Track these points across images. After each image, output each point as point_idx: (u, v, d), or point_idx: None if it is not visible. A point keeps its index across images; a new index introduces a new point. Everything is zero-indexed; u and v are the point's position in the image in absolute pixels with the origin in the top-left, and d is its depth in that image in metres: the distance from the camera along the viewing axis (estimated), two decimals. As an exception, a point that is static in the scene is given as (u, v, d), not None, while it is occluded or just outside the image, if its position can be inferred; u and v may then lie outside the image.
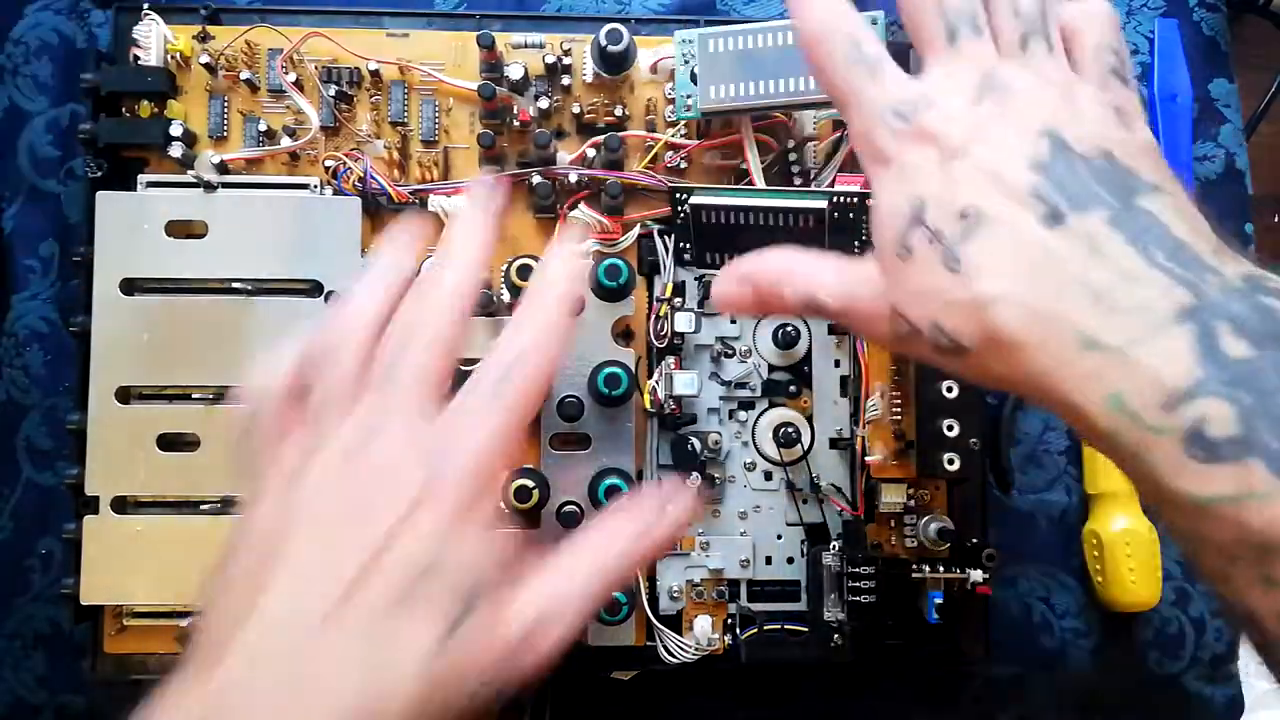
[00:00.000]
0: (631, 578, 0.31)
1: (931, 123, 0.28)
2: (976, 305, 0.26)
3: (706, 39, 0.47)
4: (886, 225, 0.29)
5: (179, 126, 0.48)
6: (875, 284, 0.29)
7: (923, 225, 0.27)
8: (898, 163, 0.28)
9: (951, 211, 0.27)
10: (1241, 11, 0.60)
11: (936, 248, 0.27)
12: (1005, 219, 0.26)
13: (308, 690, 0.25)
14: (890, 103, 0.29)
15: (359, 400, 0.29)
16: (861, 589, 0.47)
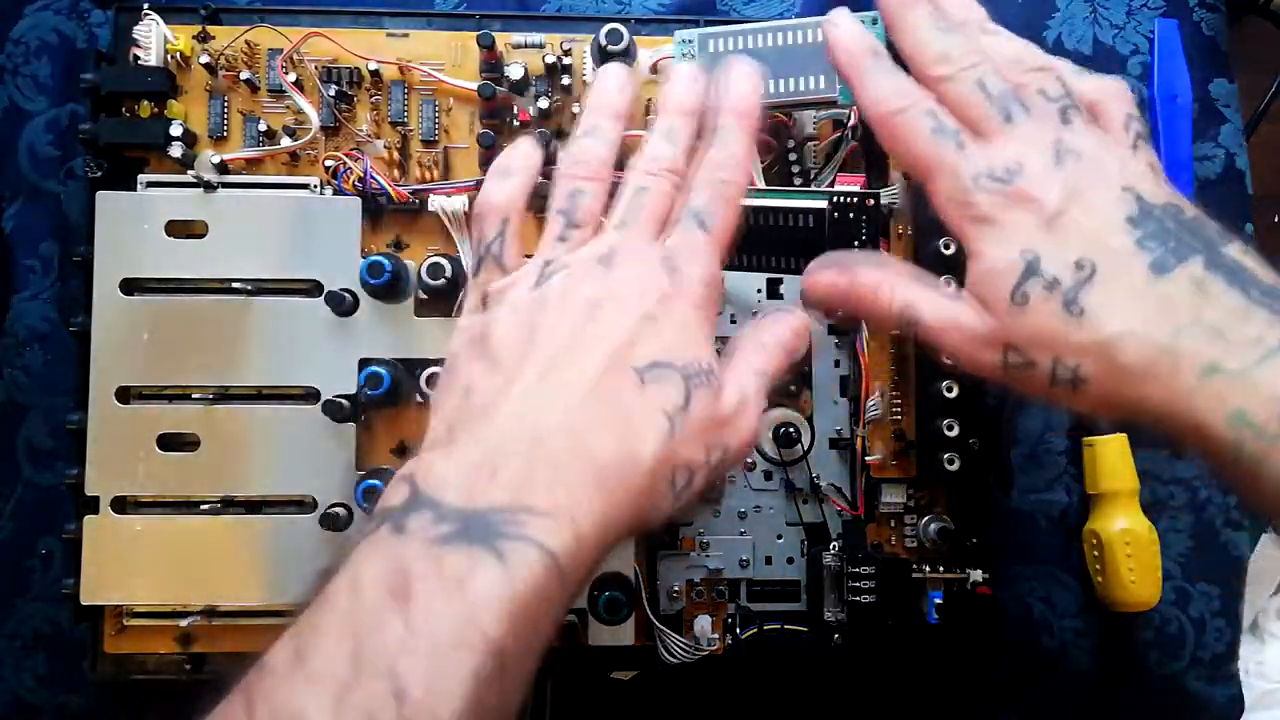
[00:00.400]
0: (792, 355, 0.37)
1: (1028, 186, 0.32)
2: (1102, 344, 0.30)
3: (706, 39, 0.47)
4: (999, 277, 0.32)
5: (179, 126, 0.48)
6: (977, 323, 0.33)
7: (1038, 276, 0.31)
8: (1000, 222, 0.32)
9: (1066, 263, 0.31)
10: (1241, 11, 0.60)
11: (1056, 295, 0.31)
12: (1118, 268, 0.30)
13: (571, 447, 0.29)
14: (984, 169, 0.33)
15: (603, 229, 0.35)
16: (861, 589, 0.47)
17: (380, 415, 0.48)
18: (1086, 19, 0.57)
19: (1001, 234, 0.32)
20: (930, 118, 0.34)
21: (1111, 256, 0.30)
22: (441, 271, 0.46)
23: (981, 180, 0.32)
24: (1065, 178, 0.32)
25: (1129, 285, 0.30)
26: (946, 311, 0.34)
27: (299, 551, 0.46)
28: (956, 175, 0.33)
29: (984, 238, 0.32)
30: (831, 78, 0.46)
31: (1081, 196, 0.31)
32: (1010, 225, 0.32)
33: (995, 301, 0.32)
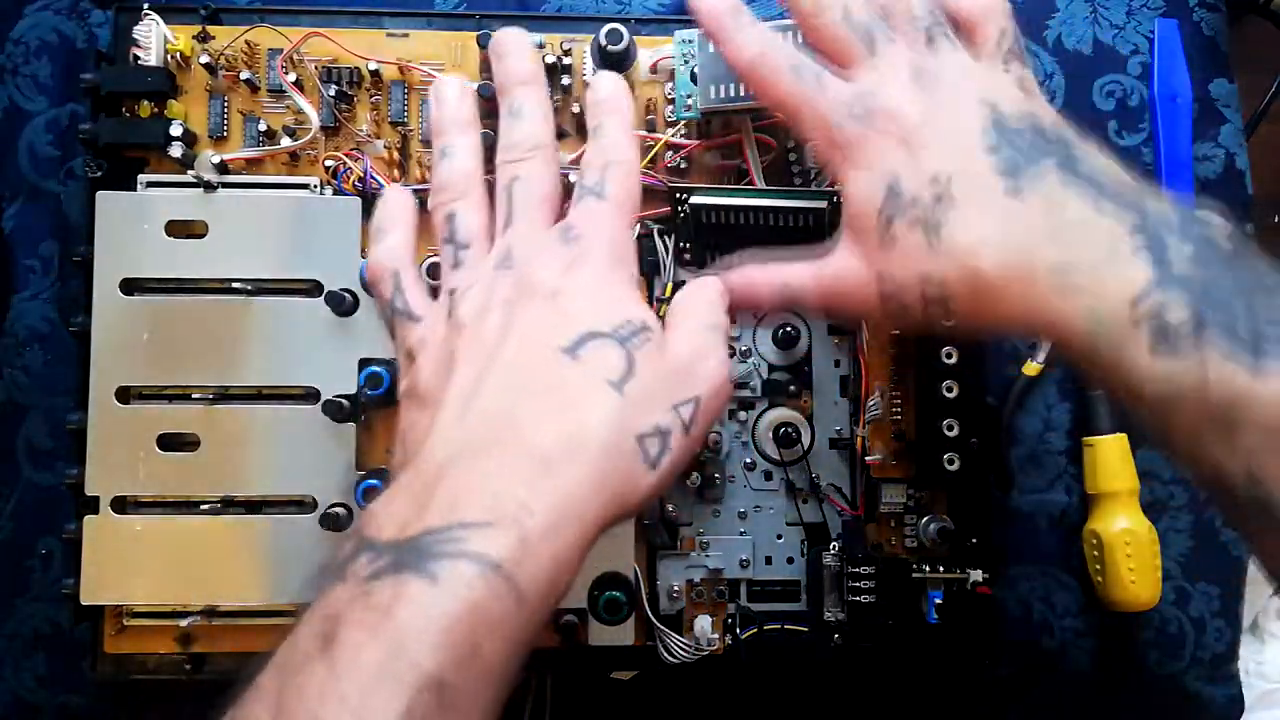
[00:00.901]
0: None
1: (885, 111, 0.33)
2: (959, 257, 0.31)
3: (706, 39, 0.47)
4: (863, 206, 0.33)
5: (179, 126, 0.48)
6: (849, 263, 0.34)
7: (899, 197, 0.32)
8: (863, 150, 0.33)
9: (923, 180, 0.31)
10: (1241, 11, 0.60)
11: (915, 214, 0.31)
12: (971, 179, 0.31)
13: (506, 448, 0.28)
14: (844, 102, 0.33)
15: (499, 235, 0.34)
16: (861, 589, 0.47)
17: (380, 415, 0.48)
18: (1086, 19, 0.57)
19: (865, 163, 0.33)
20: (788, 58, 0.35)
21: (966, 170, 0.31)
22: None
23: (841, 114, 0.33)
24: (923, 99, 0.33)
25: (984, 197, 0.31)
26: (822, 271, 0.35)
27: (299, 551, 0.46)
28: (818, 111, 0.34)
29: (847, 169, 0.33)
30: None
31: (938, 115, 0.32)
32: (872, 152, 0.33)
33: (863, 231, 0.33)
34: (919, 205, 0.31)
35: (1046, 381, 0.55)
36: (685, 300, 0.35)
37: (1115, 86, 0.57)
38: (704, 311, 0.34)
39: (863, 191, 0.33)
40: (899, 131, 0.32)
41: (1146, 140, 0.57)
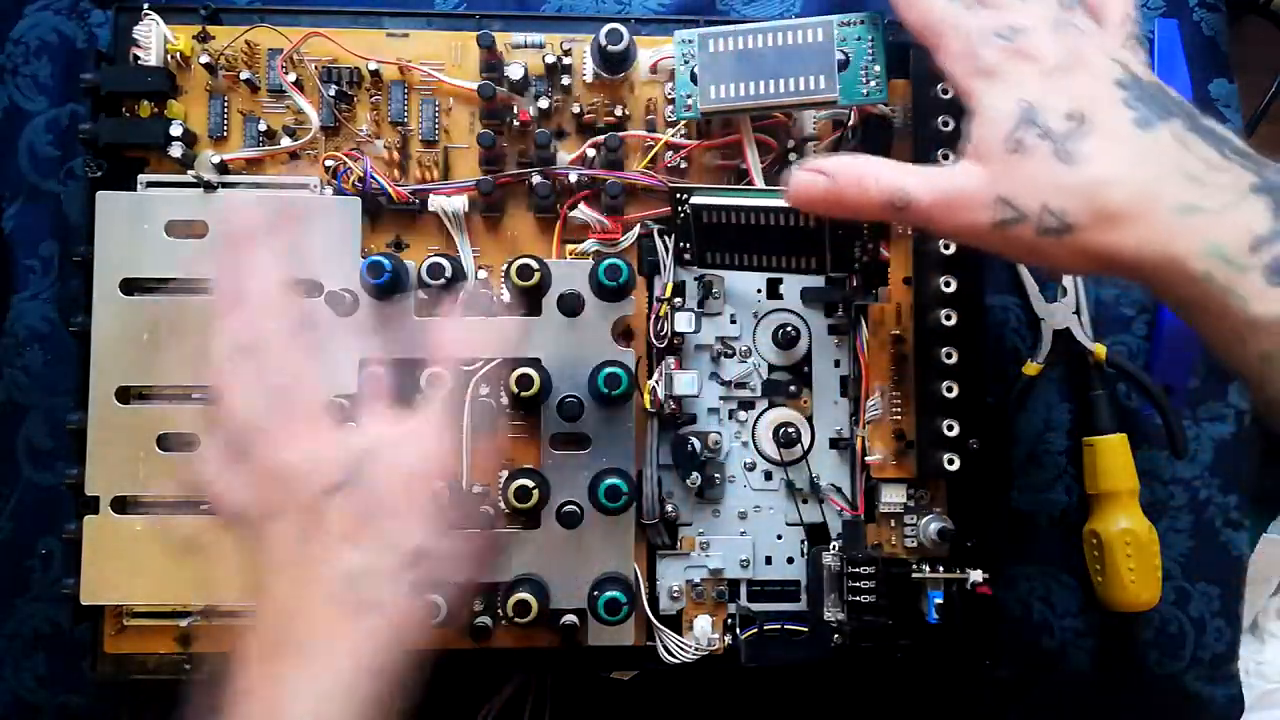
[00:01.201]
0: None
1: (1031, 44, 0.35)
2: (1089, 187, 0.32)
3: (706, 39, 0.47)
4: (996, 125, 0.34)
5: (179, 126, 0.48)
6: (971, 179, 0.34)
7: (1033, 124, 0.33)
8: (1002, 74, 0.34)
9: (1059, 113, 0.33)
10: (1241, 11, 0.60)
11: (1047, 143, 0.33)
12: (1107, 121, 0.33)
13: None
14: (992, 26, 0.35)
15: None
16: (861, 589, 0.47)
17: (380, 415, 0.48)
18: (1086, 19, 0.57)
19: (1002, 85, 0.34)
20: None
21: (1101, 111, 0.33)
22: (441, 271, 0.46)
23: (988, 36, 0.35)
24: (1064, 41, 0.35)
25: (1116, 136, 0.33)
26: (938, 181, 0.35)
27: (299, 551, 0.46)
28: (964, 33, 0.36)
29: (985, 91, 0.35)
30: (831, 77, 0.46)
31: (1077, 58, 0.34)
32: (1010, 77, 0.34)
33: (991, 152, 0.34)
34: (1054, 133, 0.33)
35: (1046, 381, 0.55)
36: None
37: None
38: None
39: (999, 111, 0.34)
40: (1039, 64, 0.34)
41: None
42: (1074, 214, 0.32)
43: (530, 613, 0.45)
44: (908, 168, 0.36)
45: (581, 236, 0.49)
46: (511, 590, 0.46)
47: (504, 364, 0.47)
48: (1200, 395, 0.56)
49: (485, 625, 0.47)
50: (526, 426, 0.49)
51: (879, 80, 0.47)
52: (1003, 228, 0.33)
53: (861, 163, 0.37)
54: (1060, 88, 0.34)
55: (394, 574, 0.34)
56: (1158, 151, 0.32)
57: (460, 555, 0.37)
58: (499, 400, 0.48)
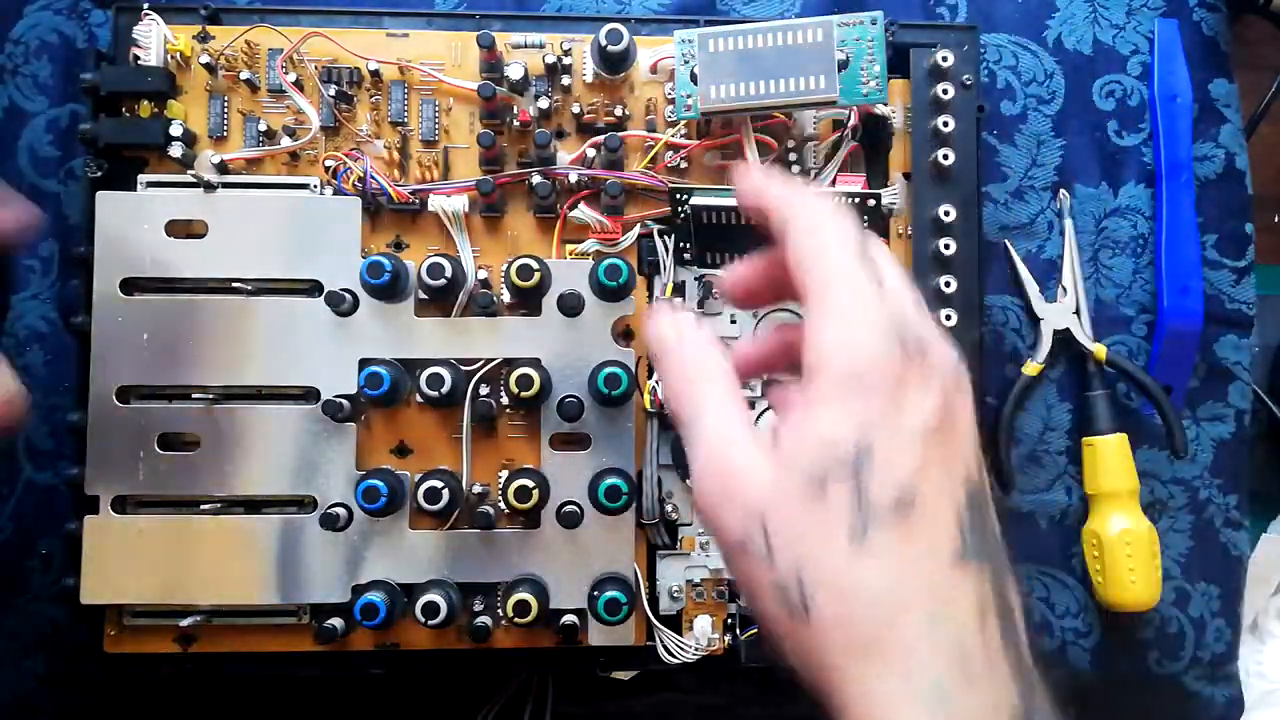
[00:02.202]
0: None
1: (925, 377, 0.26)
2: (856, 589, 0.24)
3: (706, 39, 0.47)
4: (815, 450, 0.25)
5: (179, 126, 0.48)
6: (751, 475, 0.26)
7: (854, 479, 0.25)
8: (873, 395, 0.25)
9: (889, 487, 0.25)
10: (1241, 11, 0.60)
11: (852, 510, 0.24)
12: (928, 529, 0.25)
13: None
14: (899, 320, 0.26)
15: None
16: (861, 589, 0.47)
17: (380, 415, 0.48)
18: (1086, 19, 0.57)
19: (859, 404, 0.25)
20: (860, 245, 0.28)
21: (930, 514, 0.25)
22: (441, 271, 0.46)
23: (890, 331, 0.26)
24: (951, 403, 0.26)
25: (924, 553, 0.25)
26: (727, 439, 0.27)
27: (299, 551, 0.46)
28: (862, 306, 0.26)
29: (837, 395, 0.25)
30: (831, 77, 0.46)
31: (951, 436, 0.26)
32: (873, 402, 0.25)
33: (788, 470, 0.26)
34: (869, 507, 0.24)
35: (1046, 381, 0.55)
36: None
37: (1115, 86, 0.57)
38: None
39: (831, 431, 0.25)
40: (920, 414, 0.25)
41: (1146, 140, 0.57)
42: (823, 608, 0.24)
43: (530, 613, 0.45)
44: (730, 399, 0.28)
45: (581, 236, 0.49)
46: (511, 590, 0.46)
47: (504, 364, 0.47)
48: (1200, 395, 0.56)
49: (485, 625, 0.47)
50: (526, 426, 0.49)
51: (879, 80, 0.47)
52: (739, 546, 0.26)
53: (702, 355, 0.29)
54: (913, 455, 0.25)
55: None
56: (953, 601, 0.25)
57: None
58: (499, 400, 0.48)
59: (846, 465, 0.25)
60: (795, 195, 0.29)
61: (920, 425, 0.25)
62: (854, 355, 0.25)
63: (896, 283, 0.27)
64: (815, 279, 0.27)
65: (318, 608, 0.47)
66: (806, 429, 0.26)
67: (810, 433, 0.26)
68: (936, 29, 0.52)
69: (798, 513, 0.25)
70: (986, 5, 0.57)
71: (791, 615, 0.25)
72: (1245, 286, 0.57)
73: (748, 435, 0.27)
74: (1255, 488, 0.58)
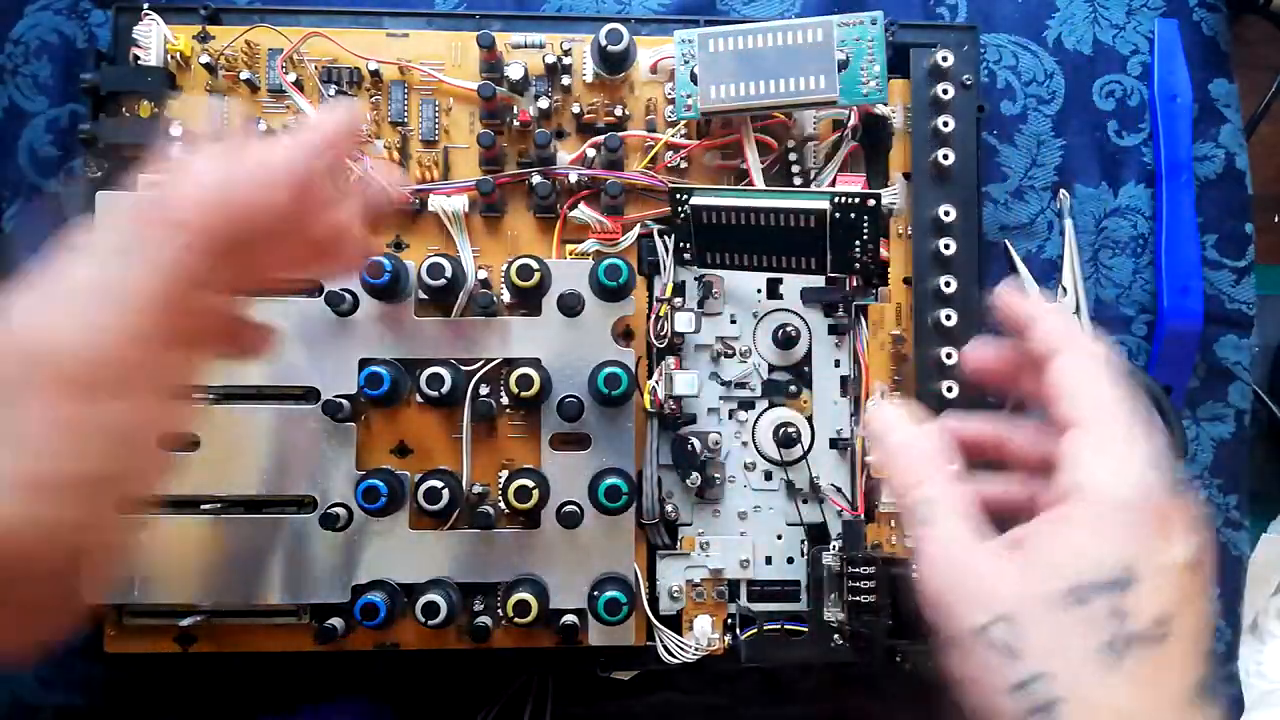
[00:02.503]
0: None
1: (1185, 518, 0.27)
2: (1108, 706, 0.25)
3: (706, 39, 0.47)
4: (1079, 563, 0.26)
5: (179, 126, 0.48)
6: (1003, 579, 0.27)
7: (1117, 595, 0.26)
8: (1138, 526, 0.27)
9: (1150, 610, 0.26)
10: (1241, 11, 0.60)
11: (1112, 624, 0.26)
12: (1181, 657, 0.26)
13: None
14: (1162, 462, 0.28)
15: None
16: (861, 589, 0.47)
17: (380, 415, 0.48)
18: (1086, 19, 0.57)
19: (1124, 532, 0.27)
20: (1117, 375, 0.29)
21: (1183, 643, 0.26)
22: (441, 271, 0.46)
23: (1155, 469, 0.27)
24: (1202, 546, 0.27)
25: (1175, 682, 0.26)
26: (964, 539, 0.28)
27: (299, 552, 0.46)
28: (1132, 443, 0.28)
29: (1103, 520, 0.27)
30: (832, 77, 0.46)
31: (1201, 576, 0.27)
32: (1138, 533, 0.27)
33: (1044, 576, 0.27)
34: (1128, 620, 0.26)
35: (1046, 381, 0.55)
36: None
37: (1115, 86, 0.57)
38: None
39: (1097, 550, 0.26)
40: (1181, 549, 0.27)
41: (1146, 140, 0.57)
42: (1070, 714, 0.25)
43: (530, 613, 0.45)
44: (961, 500, 0.29)
45: (581, 236, 0.49)
46: (511, 590, 0.46)
47: (504, 364, 0.47)
48: (1200, 395, 0.56)
49: (485, 625, 0.47)
50: (526, 426, 0.49)
51: (879, 80, 0.47)
52: (983, 643, 0.27)
53: (936, 450, 0.30)
54: (1175, 585, 0.26)
55: None
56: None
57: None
58: (499, 400, 0.48)
59: (1111, 584, 0.26)
60: (1067, 328, 0.31)
61: (1184, 560, 0.27)
62: (1127, 486, 0.27)
63: (1150, 430, 0.28)
64: (1086, 407, 0.28)
65: (318, 608, 0.47)
66: (1066, 543, 0.27)
67: (1071, 547, 0.27)
68: (936, 29, 0.52)
69: (1053, 619, 0.26)
70: (986, 5, 0.57)
71: (1031, 715, 0.26)
72: (1245, 286, 0.57)
73: (984, 538, 0.28)
74: (1255, 488, 0.58)
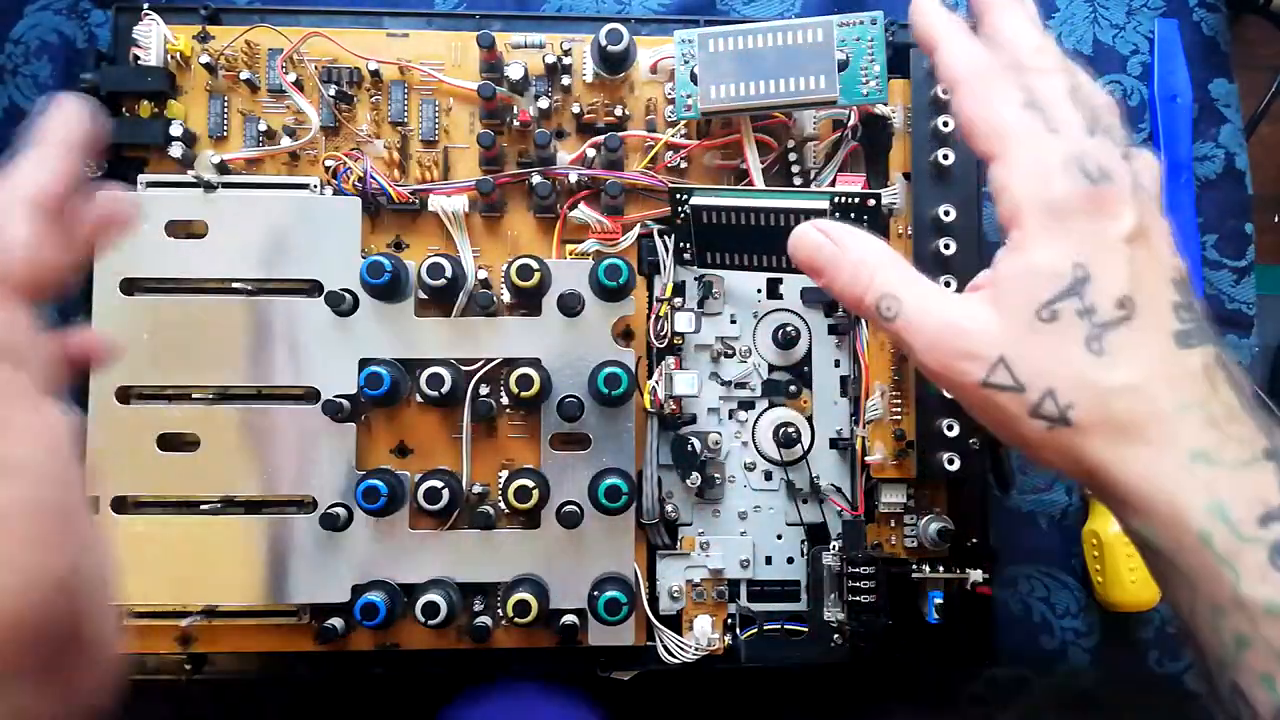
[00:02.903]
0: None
1: (1114, 195, 0.29)
2: (1106, 389, 0.28)
3: (707, 38, 0.47)
4: (1037, 281, 0.29)
5: (179, 126, 0.48)
6: (977, 323, 0.29)
7: (1079, 297, 0.28)
8: (1069, 219, 0.29)
9: (1111, 295, 0.28)
10: (1241, 11, 0.60)
11: (1084, 324, 0.28)
12: (1151, 322, 0.28)
13: None
14: (1076, 155, 0.29)
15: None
16: (861, 589, 0.47)
17: (380, 415, 0.48)
18: (1086, 19, 0.57)
19: (1063, 234, 0.29)
20: (1024, 91, 0.30)
21: (1150, 309, 0.28)
22: (441, 271, 0.46)
23: (1071, 165, 0.29)
24: (1142, 210, 0.29)
25: (1155, 344, 0.28)
26: (938, 307, 0.30)
27: (299, 551, 0.46)
28: (1041, 151, 0.29)
29: (1043, 231, 0.29)
30: (832, 77, 0.46)
31: (1147, 233, 0.29)
32: (1076, 228, 0.29)
33: (1016, 306, 0.29)
34: (1096, 316, 0.28)
35: (1046, 381, 0.55)
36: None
37: (1115, 86, 0.57)
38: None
39: (1049, 266, 0.28)
40: (1114, 227, 0.28)
41: (1146, 140, 0.57)
42: (1081, 411, 0.28)
43: (530, 613, 0.45)
44: (913, 276, 0.31)
45: (581, 236, 0.49)
46: (511, 590, 0.46)
47: (504, 364, 0.47)
48: (1200, 395, 0.56)
49: (485, 625, 0.47)
50: (526, 426, 0.49)
51: (879, 80, 0.47)
52: (991, 390, 0.29)
53: (868, 249, 0.32)
54: (1122, 265, 0.28)
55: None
56: (1188, 379, 0.28)
57: None
58: (499, 400, 0.48)
59: (1069, 287, 0.28)
60: (969, 57, 0.32)
61: (1126, 233, 0.29)
62: (1047, 194, 0.29)
63: (1067, 117, 0.30)
64: (990, 138, 0.30)
65: (318, 608, 0.47)
66: (1021, 268, 0.29)
67: (1026, 270, 0.29)
68: (936, 29, 0.52)
69: (1036, 342, 0.29)
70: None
71: (1052, 428, 0.28)
72: (1245, 286, 0.57)
73: (954, 295, 0.31)
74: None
